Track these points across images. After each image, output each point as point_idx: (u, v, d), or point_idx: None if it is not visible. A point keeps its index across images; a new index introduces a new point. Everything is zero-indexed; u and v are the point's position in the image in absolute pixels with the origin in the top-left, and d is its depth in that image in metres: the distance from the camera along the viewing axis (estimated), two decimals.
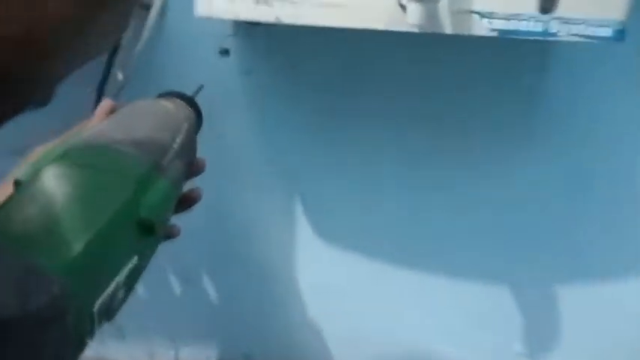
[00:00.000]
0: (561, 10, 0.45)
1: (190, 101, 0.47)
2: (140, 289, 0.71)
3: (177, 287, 0.71)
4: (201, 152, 0.64)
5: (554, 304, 0.66)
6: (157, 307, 0.71)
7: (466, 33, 0.47)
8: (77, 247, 0.27)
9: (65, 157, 0.32)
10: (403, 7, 0.46)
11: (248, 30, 0.61)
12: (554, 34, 0.46)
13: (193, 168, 0.45)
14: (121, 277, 0.30)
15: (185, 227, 0.69)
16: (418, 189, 0.65)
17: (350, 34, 0.61)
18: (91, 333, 0.28)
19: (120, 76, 0.52)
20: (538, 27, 0.46)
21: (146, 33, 0.50)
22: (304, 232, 0.68)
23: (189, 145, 0.43)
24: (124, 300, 0.31)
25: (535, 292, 0.67)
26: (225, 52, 0.62)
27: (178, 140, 0.40)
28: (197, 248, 0.69)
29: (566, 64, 0.59)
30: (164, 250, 0.67)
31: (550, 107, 0.60)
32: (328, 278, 0.69)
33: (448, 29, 0.47)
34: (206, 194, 0.45)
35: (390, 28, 0.47)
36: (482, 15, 0.47)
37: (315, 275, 0.70)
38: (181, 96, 0.47)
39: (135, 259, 0.31)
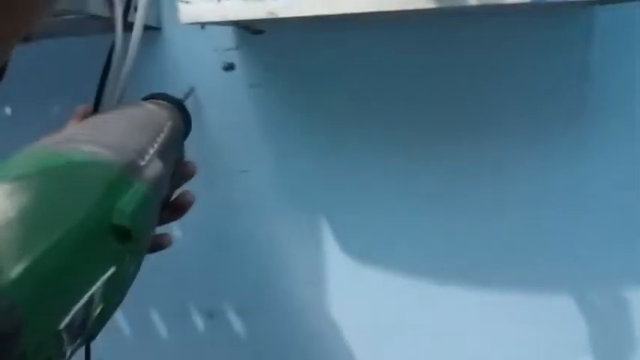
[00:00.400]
0: None
1: (177, 103, 0.44)
2: (161, 327, 0.66)
3: (200, 323, 0.65)
4: (216, 176, 0.60)
5: (625, 310, 0.56)
6: (178, 344, 0.65)
7: (493, 2, 0.40)
8: (20, 266, 0.23)
9: (5, 170, 0.27)
10: None
11: (251, 41, 0.56)
12: None
13: (182, 170, 0.42)
14: (93, 290, 0.26)
15: (204, 259, 0.65)
16: (453, 197, 0.57)
17: (360, 39, 0.56)
18: (60, 355, 0.25)
19: (117, 94, 0.47)
20: None
21: (132, 51, 0.45)
22: (330, 250, 0.61)
23: (173, 146, 0.39)
24: (105, 315, 0.28)
25: (603, 300, 0.56)
26: (230, 67, 0.57)
27: (159, 140, 0.36)
28: (220, 281, 0.63)
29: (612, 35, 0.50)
30: (186, 284, 0.64)
31: (601, 86, 0.52)
32: (363, 304, 0.62)
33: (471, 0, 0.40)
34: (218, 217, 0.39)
35: (404, 7, 0.41)
36: None
37: (348, 300, 0.62)
38: (167, 98, 0.44)
39: (111, 270, 0.27)
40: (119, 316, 0.67)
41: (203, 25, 0.55)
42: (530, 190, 0.55)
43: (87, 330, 0.27)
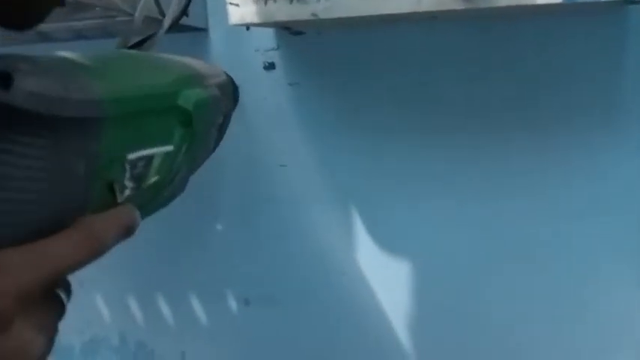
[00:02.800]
0: None
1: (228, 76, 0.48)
2: (200, 312, 0.69)
3: (236, 310, 0.68)
4: (256, 169, 0.63)
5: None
6: (216, 329, 0.69)
7: (523, 3, 0.42)
8: (120, 86, 0.28)
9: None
10: None
11: (292, 42, 0.59)
12: None
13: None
14: (154, 151, 0.30)
15: (247, 248, 0.68)
16: (493, 197, 0.59)
17: (399, 37, 0.58)
18: (120, 184, 0.28)
19: None
20: None
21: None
22: (365, 243, 0.63)
23: (224, 95, 0.43)
24: (158, 189, 0.32)
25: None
26: (270, 67, 0.61)
27: (216, 79, 0.41)
28: (257, 270, 0.66)
29: None
30: (225, 272, 0.67)
31: (635, 87, 0.53)
32: (397, 295, 0.64)
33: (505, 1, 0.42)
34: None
35: (439, 8, 0.43)
36: None
37: (382, 291, 0.64)
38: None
39: (169, 147, 0.32)
40: (160, 300, 0.70)
41: (248, 26, 0.58)
42: (567, 193, 0.56)
43: (143, 192, 0.30)
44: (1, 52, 0.24)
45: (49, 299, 0.26)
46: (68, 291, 0.28)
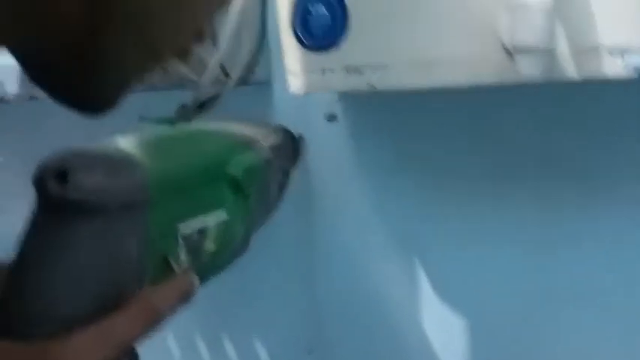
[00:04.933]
0: None
1: (287, 132, 0.49)
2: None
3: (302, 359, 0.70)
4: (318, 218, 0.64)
5: None
6: None
7: (595, 76, 0.39)
8: (165, 165, 0.30)
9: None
10: (510, 54, 0.40)
11: (354, 94, 0.59)
12: None
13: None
14: (208, 222, 0.32)
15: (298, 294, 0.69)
16: (550, 249, 0.56)
17: (461, 93, 0.56)
18: (175, 256, 0.30)
19: None
20: None
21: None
22: (431, 301, 0.62)
23: (281, 155, 0.45)
24: (217, 261, 0.34)
25: None
26: (332, 118, 0.61)
27: (270, 141, 0.42)
28: (322, 319, 0.67)
29: None
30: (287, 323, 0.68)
31: None
32: (455, 346, 0.62)
33: (571, 73, 0.40)
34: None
35: (500, 81, 0.41)
36: (613, 52, 0.38)
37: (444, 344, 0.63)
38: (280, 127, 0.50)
39: (223, 214, 0.33)
40: (228, 345, 0.73)
41: None
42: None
43: (201, 260, 0.32)
44: (59, 150, 0.27)
45: None
46: (135, 357, 0.30)
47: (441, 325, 0.63)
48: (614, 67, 0.38)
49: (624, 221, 0.54)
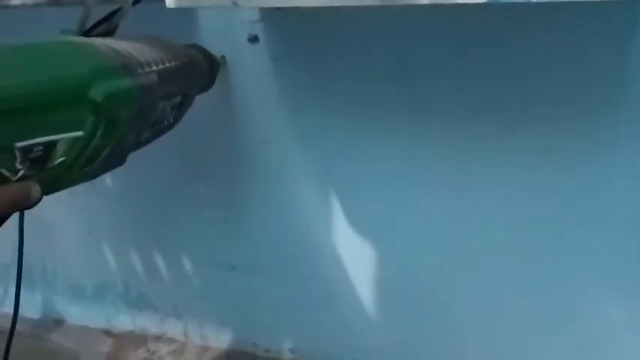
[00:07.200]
0: None
1: (207, 55, 0.49)
2: (193, 274, 0.74)
3: (224, 275, 0.73)
4: (239, 145, 0.64)
5: None
6: (209, 293, 0.74)
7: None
8: (8, 81, 0.30)
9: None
10: None
11: (275, 16, 0.59)
12: None
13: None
14: (56, 138, 0.33)
15: (228, 220, 0.71)
16: (467, 186, 0.58)
17: (383, 15, 0.56)
18: (10, 168, 0.31)
19: None
20: None
21: None
22: (341, 217, 0.64)
23: (181, 79, 0.44)
24: (68, 170, 0.35)
25: None
26: (254, 39, 0.60)
27: (166, 65, 0.41)
28: (245, 240, 0.70)
29: None
30: (211, 240, 0.71)
31: None
32: (371, 266, 0.65)
33: None
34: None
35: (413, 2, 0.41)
36: None
37: (356, 263, 0.66)
38: (201, 49, 0.50)
39: (78, 133, 0.34)
40: (158, 259, 0.76)
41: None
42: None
43: (47, 169, 0.33)
44: None
45: None
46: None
47: (353, 252, 0.66)
48: None
49: (538, 156, 0.55)
